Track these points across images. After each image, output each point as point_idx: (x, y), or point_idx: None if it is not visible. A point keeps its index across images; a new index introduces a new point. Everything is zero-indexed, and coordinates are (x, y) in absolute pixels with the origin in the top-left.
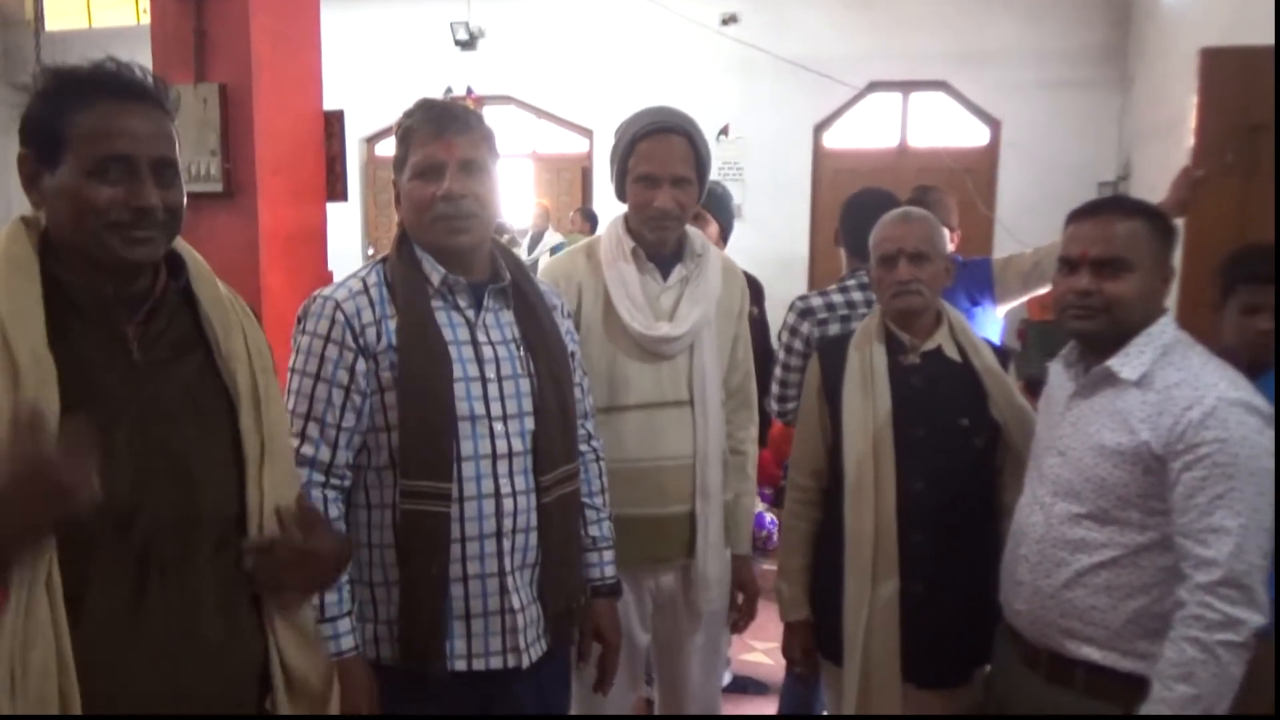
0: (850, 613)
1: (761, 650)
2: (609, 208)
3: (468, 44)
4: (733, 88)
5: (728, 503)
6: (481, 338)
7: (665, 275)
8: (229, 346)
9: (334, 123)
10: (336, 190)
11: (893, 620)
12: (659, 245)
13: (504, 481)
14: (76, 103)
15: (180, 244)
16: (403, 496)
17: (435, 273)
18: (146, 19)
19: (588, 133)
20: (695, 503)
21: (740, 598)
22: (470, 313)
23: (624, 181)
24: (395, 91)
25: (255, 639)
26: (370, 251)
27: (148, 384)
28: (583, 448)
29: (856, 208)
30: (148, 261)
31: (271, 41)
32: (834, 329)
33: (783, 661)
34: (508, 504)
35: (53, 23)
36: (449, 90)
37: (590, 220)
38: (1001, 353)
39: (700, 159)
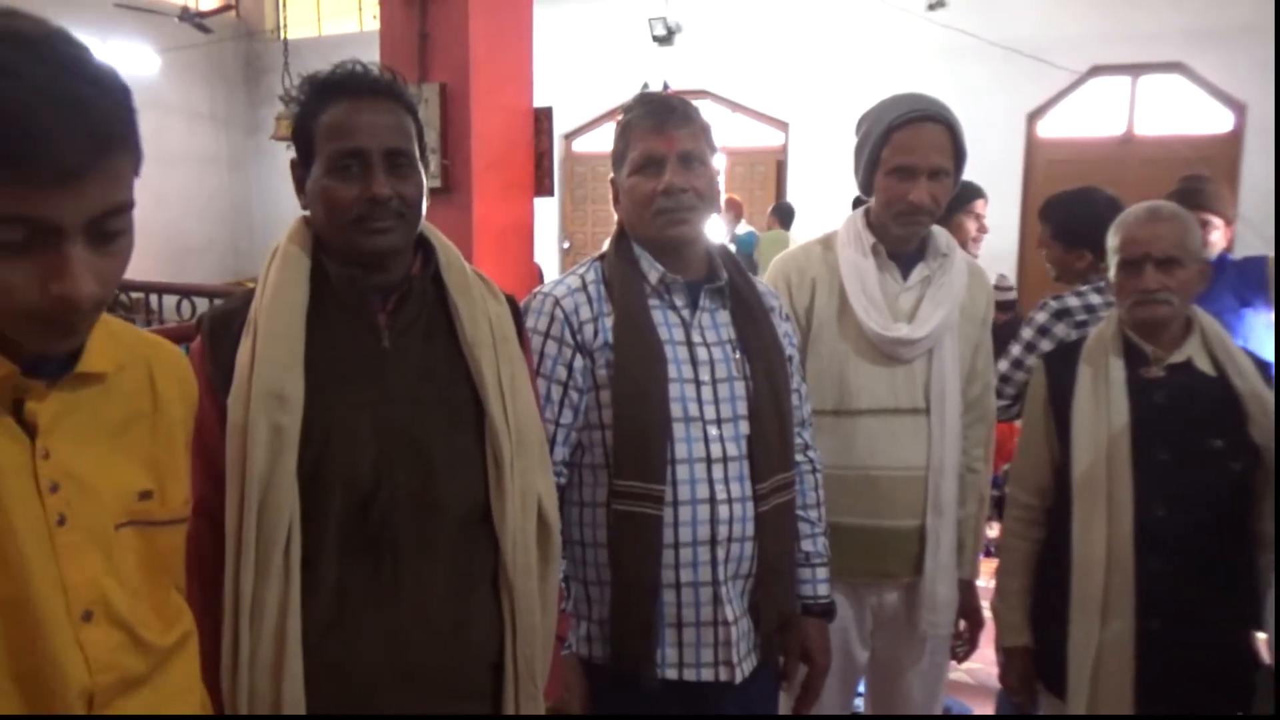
0: (1076, 644)
1: (963, 670)
2: (804, 202)
3: (665, 39)
4: (939, 75)
5: (958, 521)
6: (696, 338)
7: (906, 274)
8: (474, 334)
9: (543, 119)
10: (543, 185)
11: (1125, 656)
12: (902, 242)
13: (719, 487)
14: (321, 105)
15: (432, 232)
16: (615, 497)
17: (653, 270)
18: (369, 25)
19: (783, 125)
20: (926, 518)
21: (963, 625)
22: (686, 312)
23: (873, 174)
24: (593, 88)
25: (491, 628)
26: (565, 245)
27: (395, 370)
28: (799, 457)
29: (1085, 211)
30: (388, 251)
31: (488, 42)
32: None
33: (986, 682)
34: (723, 510)
35: (290, 32)
36: (645, 86)
37: (783, 217)
38: (1267, 365)
39: (959, 149)
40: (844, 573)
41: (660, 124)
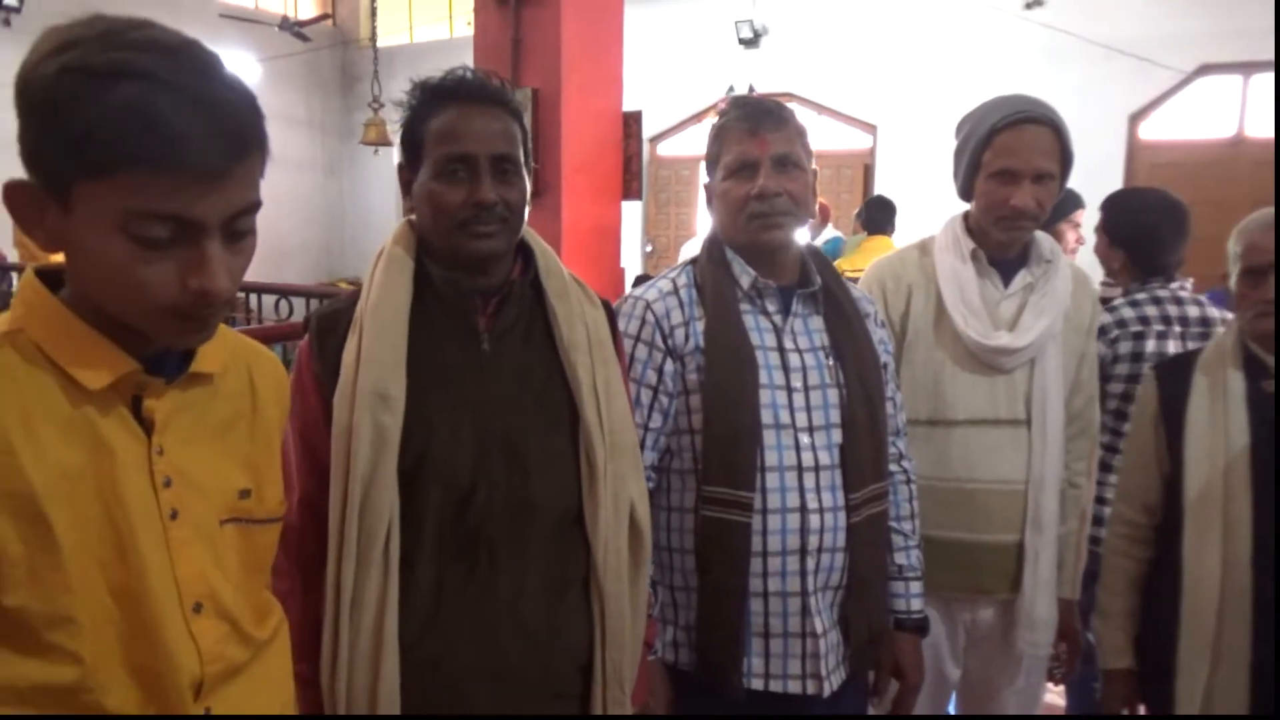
0: (1186, 671)
1: (1057, 692)
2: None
3: (751, 42)
4: (1036, 75)
5: (1059, 538)
6: (788, 344)
7: (1007, 281)
8: (570, 337)
9: (632, 123)
10: (631, 189)
11: (1239, 684)
12: (1004, 248)
13: (810, 496)
14: (430, 110)
15: (531, 237)
16: (703, 503)
17: (745, 275)
18: (459, 32)
19: (871, 128)
20: (1025, 533)
21: (1062, 646)
22: (778, 318)
23: (973, 177)
24: (677, 92)
25: (581, 629)
26: (648, 249)
27: (493, 373)
28: (892, 467)
29: (1126, 210)
30: (491, 255)
31: (580, 46)
32: (1149, 345)
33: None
34: (814, 520)
35: (382, 40)
36: (731, 89)
37: (873, 219)
38: None
39: (1066, 153)
40: (937, 587)
41: (754, 127)
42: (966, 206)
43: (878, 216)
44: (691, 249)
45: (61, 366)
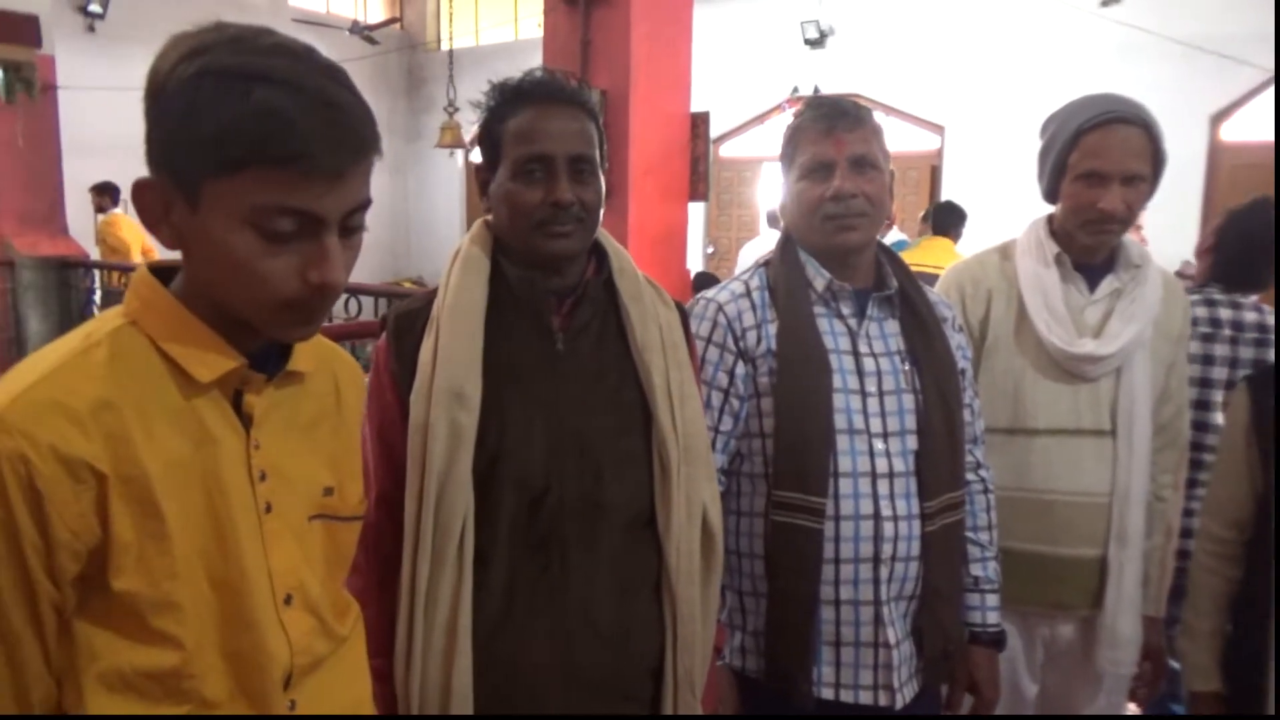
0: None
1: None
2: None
3: (817, 42)
4: (1112, 75)
5: (1145, 553)
6: (863, 348)
7: (1093, 286)
8: (644, 338)
9: (699, 124)
10: (698, 190)
11: None
12: (1090, 252)
13: (884, 504)
14: (508, 111)
15: (605, 238)
16: (774, 507)
17: (819, 277)
18: (524, 35)
19: (939, 129)
20: (1109, 548)
21: (1145, 664)
22: (853, 321)
23: (1058, 179)
24: (741, 92)
25: (652, 633)
26: (710, 250)
27: (567, 373)
28: (969, 476)
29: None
30: (566, 255)
31: (648, 47)
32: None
33: None
34: (887, 528)
35: (445, 43)
36: (795, 89)
37: (940, 221)
38: None
39: (1158, 153)
40: (1014, 601)
41: (830, 127)
42: (1045, 209)
43: (945, 219)
44: (752, 250)
45: (173, 359)
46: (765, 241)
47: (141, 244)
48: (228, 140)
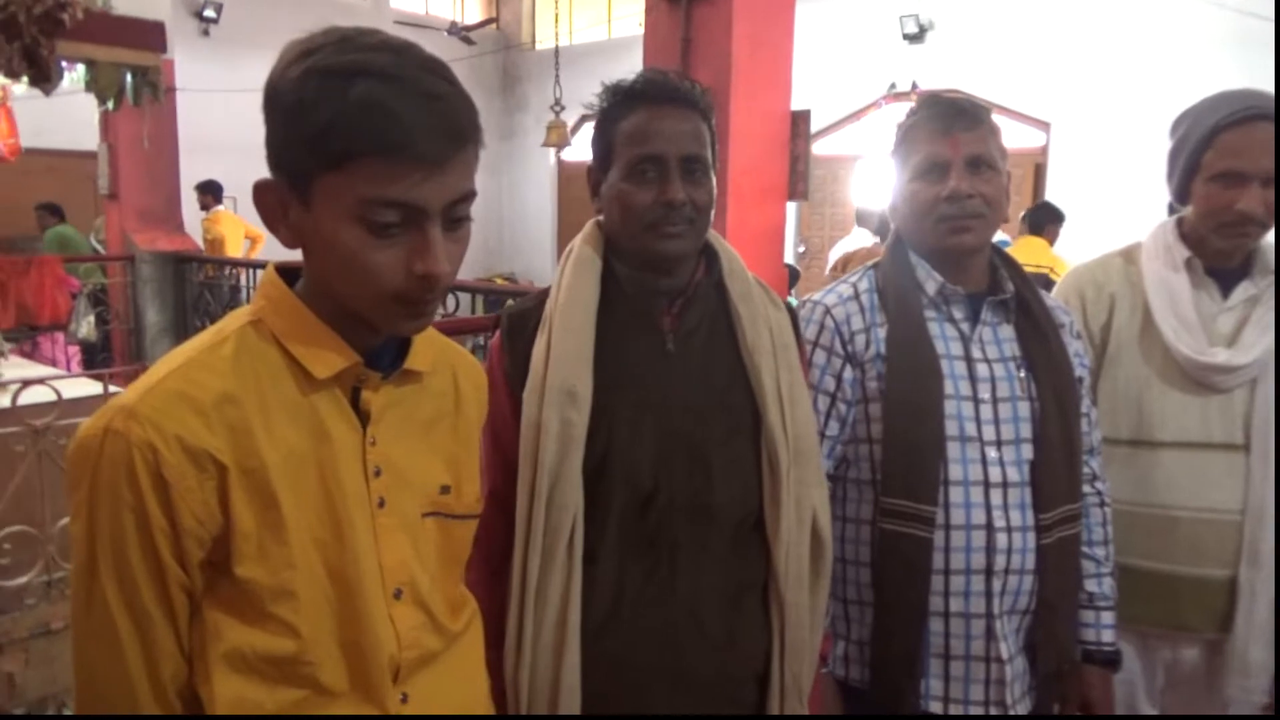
0: None
1: None
2: (1067, 209)
3: (916, 37)
4: (1227, 67)
5: None
6: (976, 354)
7: (1226, 292)
8: (754, 340)
9: (800, 122)
10: (797, 190)
11: None
12: (1224, 257)
13: (997, 514)
14: (620, 112)
15: (715, 238)
16: (882, 515)
17: (931, 281)
18: (618, 34)
19: (1044, 125)
20: (1240, 568)
21: None
22: (965, 326)
23: (1190, 180)
24: (837, 89)
25: (759, 638)
26: (801, 249)
27: (677, 374)
28: (1085, 488)
29: None
30: (678, 255)
31: (749, 45)
32: None
33: None
34: (1000, 539)
35: (540, 43)
36: (893, 86)
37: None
38: None
39: None
40: (1132, 620)
41: (946, 127)
42: (1161, 209)
43: (1040, 218)
44: (844, 248)
45: (294, 356)
46: (855, 240)
47: (244, 231)
48: (332, 134)
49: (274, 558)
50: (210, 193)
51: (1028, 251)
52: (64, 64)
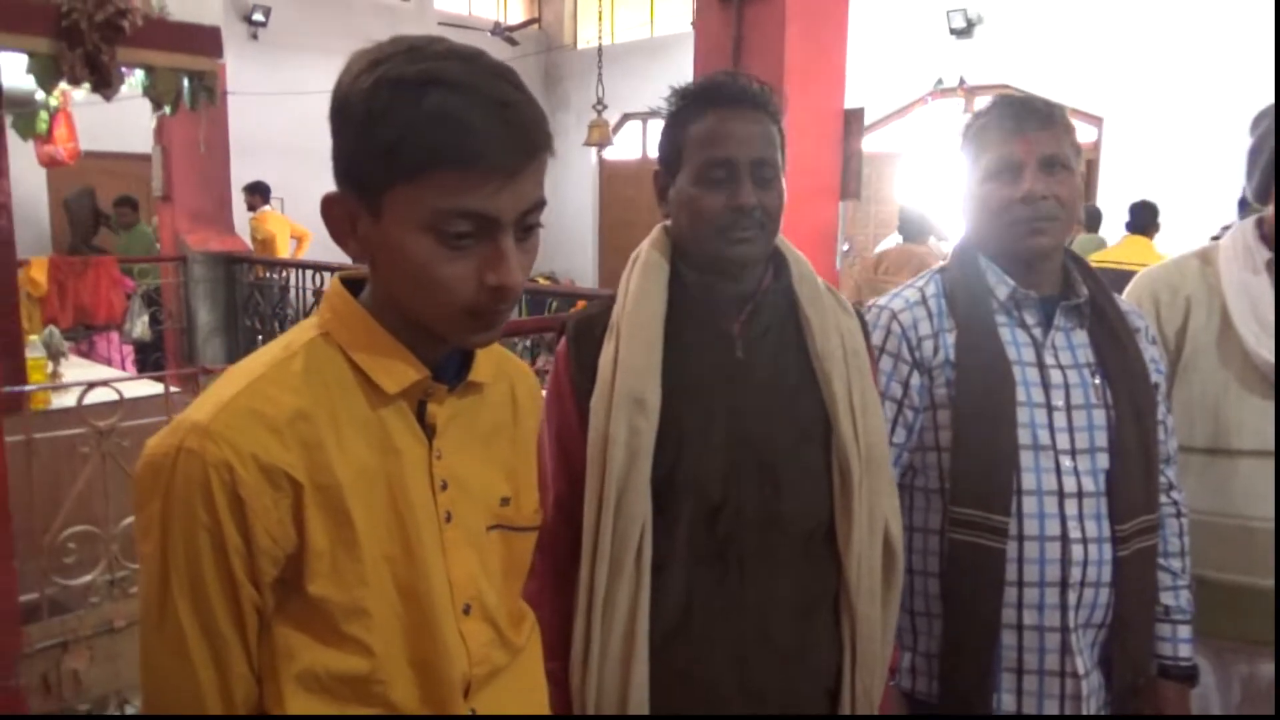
0: None
1: None
2: (1120, 206)
3: (964, 32)
4: None
5: None
6: (1049, 360)
7: None
8: (825, 347)
9: (853, 121)
10: (850, 189)
11: None
12: None
13: (1073, 525)
14: (690, 115)
15: (784, 244)
16: (952, 525)
17: (1002, 285)
18: (658, 32)
19: (1096, 120)
20: None
21: None
22: (1037, 331)
23: (1271, 179)
24: (882, 85)
25: (830, 650)
26: (845, 248)
27: (746, 381)
28: (1161, 498)
29: None
30: (747, 260)
31: (803, 44)
32: None
33: None
34: (1076, 551)
35: (582, 42)
36: (939, 82)
37: (1089, 222)
38: None
39: None
40: (1208, 634)
41: (1019, 126)
42: (1222, 205)
43: (1143, 217)
44: (888, 246)
45: (362, 369)
46: (894, 240)
47: (290, 230)
48: (404, 146)
49: (347, 575)
50: (258, 193)
51: (1134, 251)
52: (123, 70)
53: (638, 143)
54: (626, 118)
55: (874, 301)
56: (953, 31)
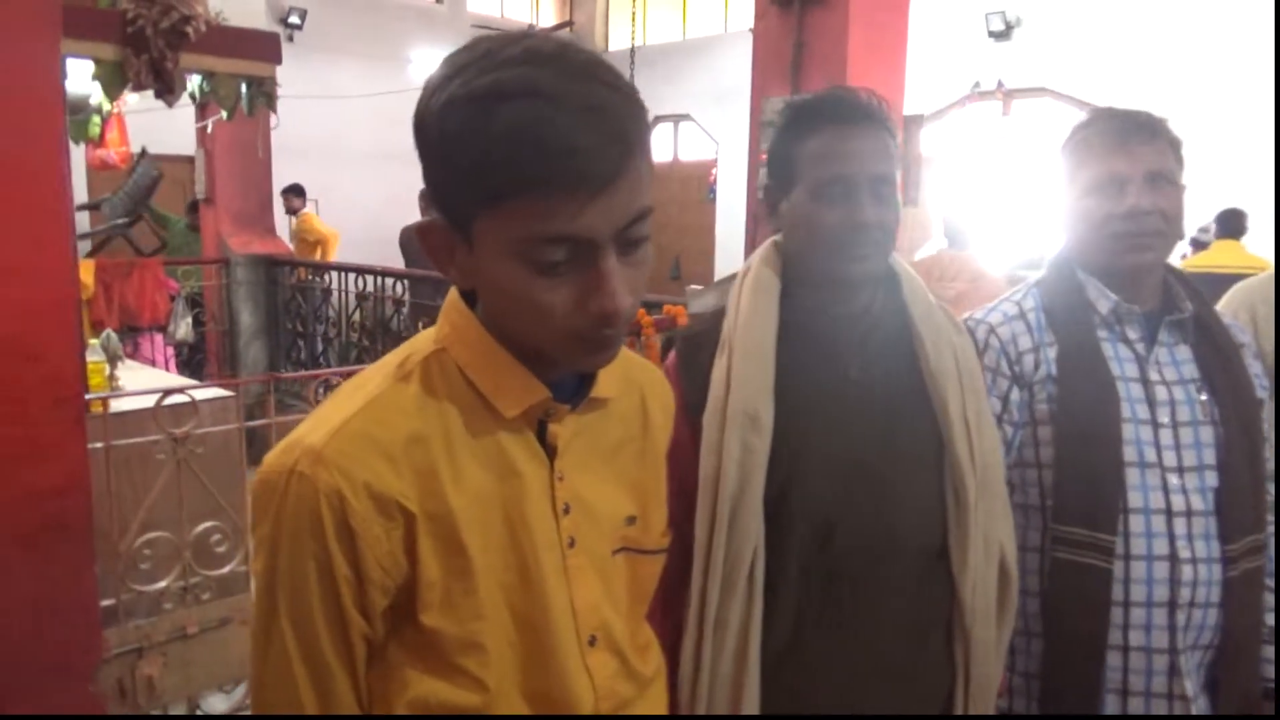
0: None
1: None
2: None
3: (1002, 34)
4: None
5: None
6: (1153, 376)
7: None
8: (938, 365)
9: (911, 127)
10: (907, 195)
11: None
12: None
13: (1181, 544)
14: (805, 131)
15: (897, 261)
16: (1055, 543)
17: (1104, 299)
18: (690, 35)
19: None
20: None
21: None
22: (1140, 346)
23: None
24: (919, 87)
25: (944, 672)
26: None
27: (860, 400)
28: (1267, 517)
29: None
30: (865, 278)
31: (865, 49)
32: None
33: None
34: (1185, 571)
35: (614, 44)
36: (976, 85)
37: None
38: None
39: None
40: None
41: (1124, 140)
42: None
43: (1233, 223)
44: (926, 251)
45: (480, 390)
46: (937, 245)
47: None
48: (481, 172)
49: (461, 608)
50: (297, 195)
51: (1229, 255)
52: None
53: (669, 145)
54: (658, 120)
55: (969, 315)
56: (991, 34)
